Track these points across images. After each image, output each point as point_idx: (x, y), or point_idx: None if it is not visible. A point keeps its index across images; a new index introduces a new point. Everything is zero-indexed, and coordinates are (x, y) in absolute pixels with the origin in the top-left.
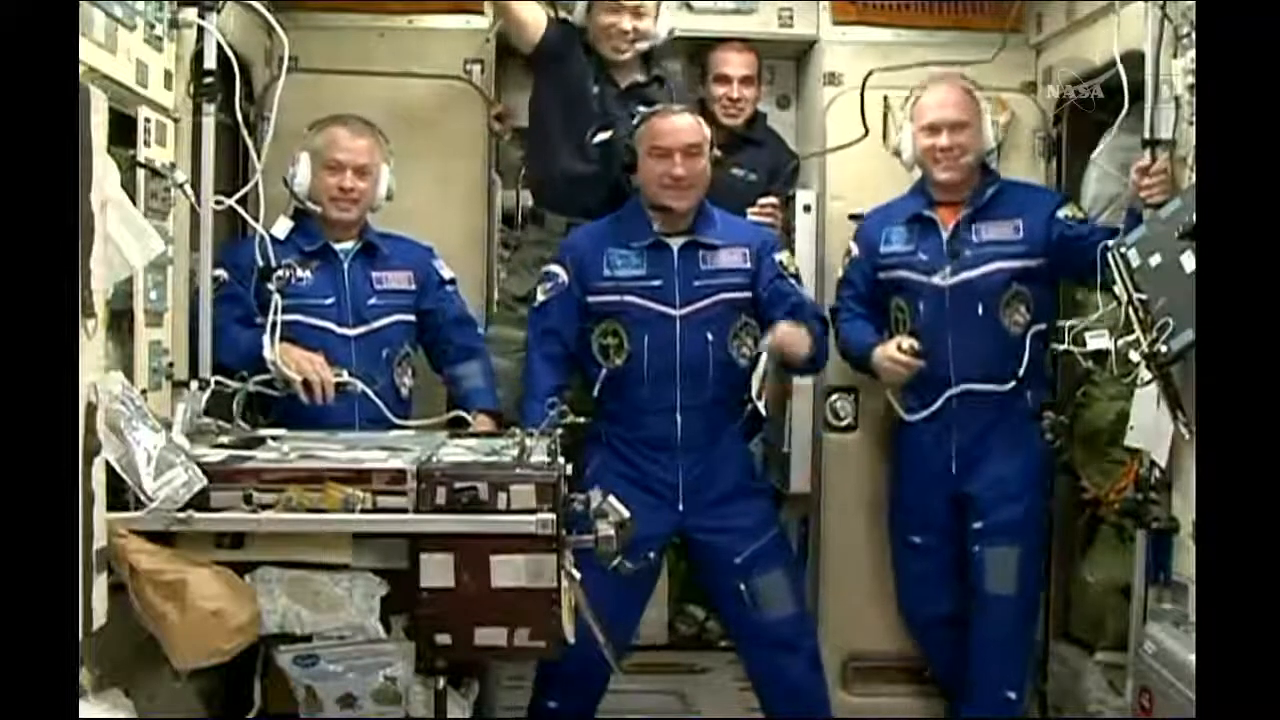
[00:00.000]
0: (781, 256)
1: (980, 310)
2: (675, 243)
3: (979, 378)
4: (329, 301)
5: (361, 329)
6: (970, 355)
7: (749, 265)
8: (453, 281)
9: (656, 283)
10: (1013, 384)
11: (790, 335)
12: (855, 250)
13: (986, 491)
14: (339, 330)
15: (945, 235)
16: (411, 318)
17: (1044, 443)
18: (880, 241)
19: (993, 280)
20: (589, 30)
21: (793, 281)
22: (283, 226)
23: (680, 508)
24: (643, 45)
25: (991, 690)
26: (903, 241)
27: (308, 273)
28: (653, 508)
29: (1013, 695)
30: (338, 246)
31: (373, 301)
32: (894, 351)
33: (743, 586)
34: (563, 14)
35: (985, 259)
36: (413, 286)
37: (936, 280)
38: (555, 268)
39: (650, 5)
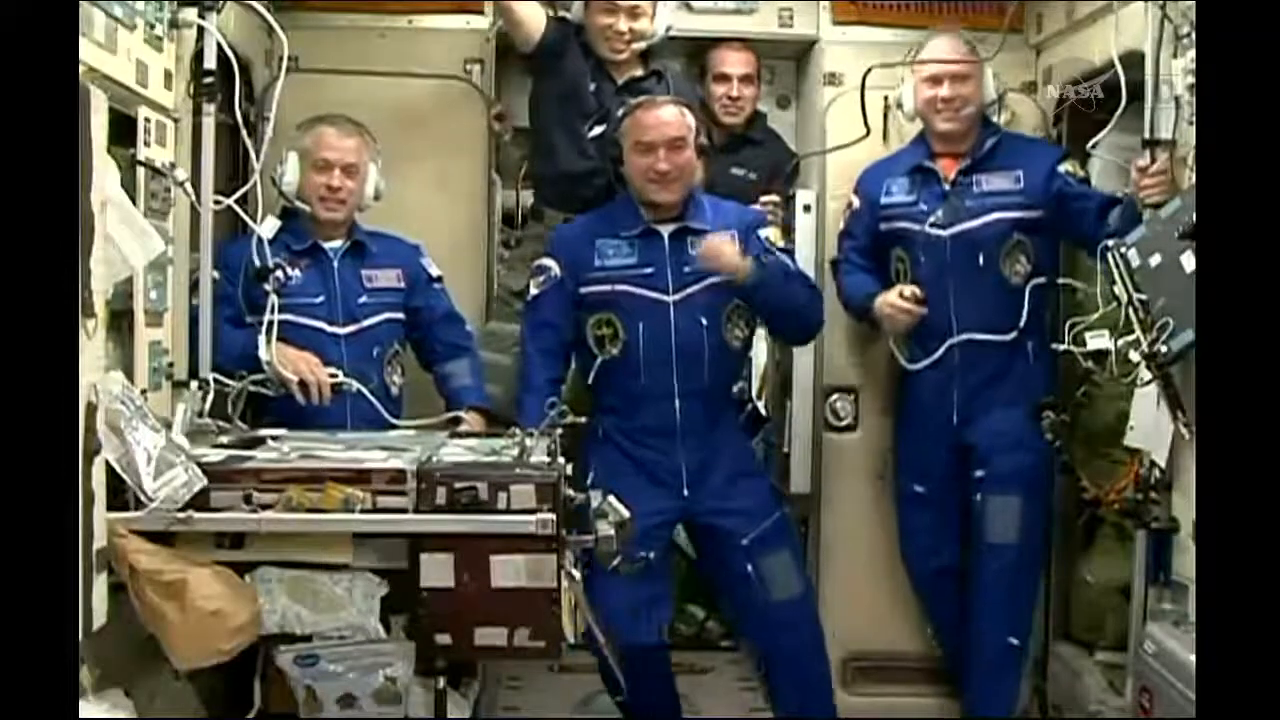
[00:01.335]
0: (768, 232)
1: (981, 260)
2: (666, 230)
3: (980, 327)
4: (319, 300)
5: (352, 327)
6: (971, 305)
7: (737, 246)
8: (440, 279)
9: (649, 270)
10: (1014, 335)
11: (717, 243)
12: (856, 202)
13: (988, 441)
14: (329, 329)
15: (946, 185)
16: (401, 315)
17: (1045, 395)
18: (881, 193)
19: (993, 230)
20: (586, 28)
21: (780, 255)
22: (270, 226)
23: (685, 493)
24: (640, 45)
25: (995, 636)
26: (904, 192)
27: (297, 272)
28: (658, 495)
29: (1015, 641)
30: (327, 245)
31: (363, 300)
32: (895, 299)
33: (750, 568)
34: (561, 12)
35: (986, 209)
36: (402, 284)
37: (937, 230)
38: (547, 261)
39: (646, 5)
